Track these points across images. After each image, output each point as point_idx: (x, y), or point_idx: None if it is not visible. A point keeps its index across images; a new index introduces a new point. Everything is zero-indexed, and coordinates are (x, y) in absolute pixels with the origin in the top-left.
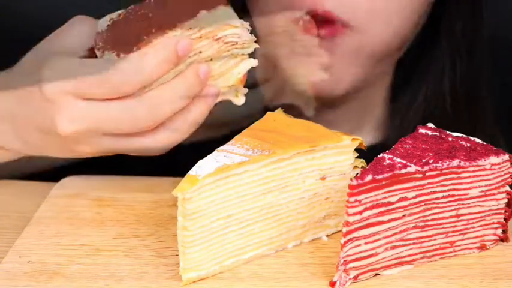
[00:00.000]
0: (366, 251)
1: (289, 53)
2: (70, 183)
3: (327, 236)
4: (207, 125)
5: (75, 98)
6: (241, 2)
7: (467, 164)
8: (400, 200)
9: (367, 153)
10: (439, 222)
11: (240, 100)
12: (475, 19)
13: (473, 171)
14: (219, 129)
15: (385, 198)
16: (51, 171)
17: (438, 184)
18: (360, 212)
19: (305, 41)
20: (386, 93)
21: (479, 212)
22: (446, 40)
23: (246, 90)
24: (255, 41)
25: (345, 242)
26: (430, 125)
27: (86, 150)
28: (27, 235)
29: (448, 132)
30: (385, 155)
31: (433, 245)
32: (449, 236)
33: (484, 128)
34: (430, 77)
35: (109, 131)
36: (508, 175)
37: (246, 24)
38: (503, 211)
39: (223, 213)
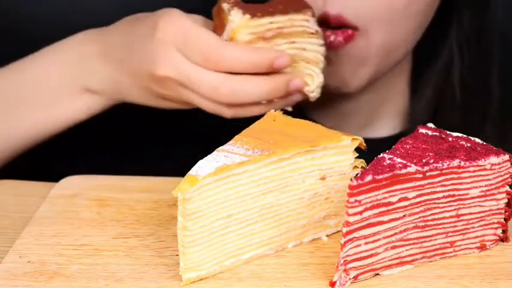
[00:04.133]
0: (366, 251)
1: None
2: (70, 183)
3: (327, 236)
4: None
5: (177, 51)
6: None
7: (468, 164)
8: (400, 200)
9: (387, 143)
10: (439, 222)
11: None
12: (483, 8)
13: (474, 171)
14: None
15: (385, 198)
16: (52, 171)
17: (438, 184)
18: (360, 212)
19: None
20: (405, 82)
21: (479, 212)
22: (454, 30)
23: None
24: None
25: (345, 242)
26: (430, 125)
27: (170, 94)
28: (27, 235)
29: (448, 132)
30: (385, 155)
31: (433, 245)
32: (450, 236)
33: (494, 119)
34: (439, 67)
35: (191, 88)
36: (508, 175)
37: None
38: (503, 211)
39: (223, 213)
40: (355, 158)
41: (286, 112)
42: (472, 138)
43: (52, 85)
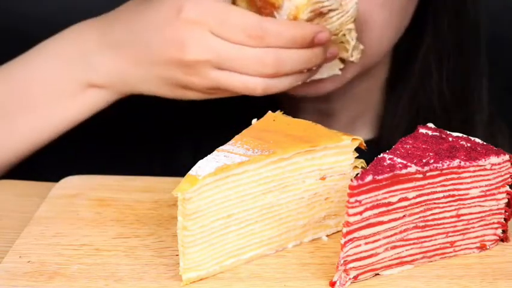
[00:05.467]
0: (366, 251)
1: None
2: (70, 183)
3: (327, 236)
4: None
5: (211, 32)
6: None
7: (468, 164)
8: (400, 200)
9: (360, 149)
10: (439, 222)
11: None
12: (462, 15)
13: (474, 171)
14: None
15: (385, 198)
16: (52, 171)
17: (438, 184)
18: (360, 213)
19: None
20: (382, 87)
21: (479, 212)
22: (430, 37)
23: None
24: None
25: (345, 242)
26: (430, 125)
27: (195, 81)
28: (27, 235)
29: (448, 132)
30: (386, 155)
31: (433, 245)
32: (450, 236)
33: (480, 129)
34: (415, 76)
35: (229, 67)
36: (508, 175)
37: None
38: (503, 211)
39: (223, 213)
40: (355, 158)
41: (285, 112)
42: (472, 138)
43: (51, 85)
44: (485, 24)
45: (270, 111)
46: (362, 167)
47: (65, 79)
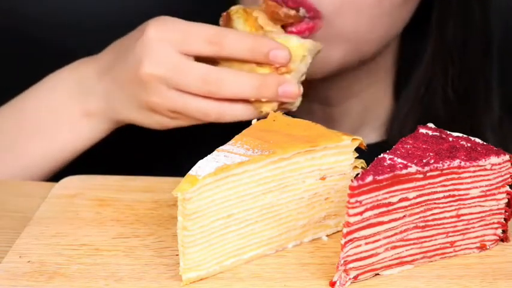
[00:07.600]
0: (367, 251)
1: None
2: (70, 183)
3: (327, 236)
4: None
5: (170, 47)
6: None
7: (468, 164)
8: (400, 200)
9: (368, 153)
10: (439, 222)
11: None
12: (468, 19)
13: (474, 171)
14: None
15: (385, 198)
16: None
17: (439, 184)
18: (361, 213)
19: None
20: (388, 91)
21: (479, 212)
22: (436, 43)
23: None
24: None
25: (346, 243)
26: (431, 125)
27: (155, 100)
28: (27, 235)
29: (448, 132)
30: (386, 156)
31: (433, 245)
32: (450, 236)
33: (489, 133)
34: (420, 82)
35: (177, 82)
36: (508, 175)
37: None
38: (503, 211)
39: (223, 213)
40: (355, 158)
41: (286, 112)
42: (472, 138)
43: (53, 114)
44: (496, 27)
45: (272, 112)
46: (362, 167)
47: (65, 108)
